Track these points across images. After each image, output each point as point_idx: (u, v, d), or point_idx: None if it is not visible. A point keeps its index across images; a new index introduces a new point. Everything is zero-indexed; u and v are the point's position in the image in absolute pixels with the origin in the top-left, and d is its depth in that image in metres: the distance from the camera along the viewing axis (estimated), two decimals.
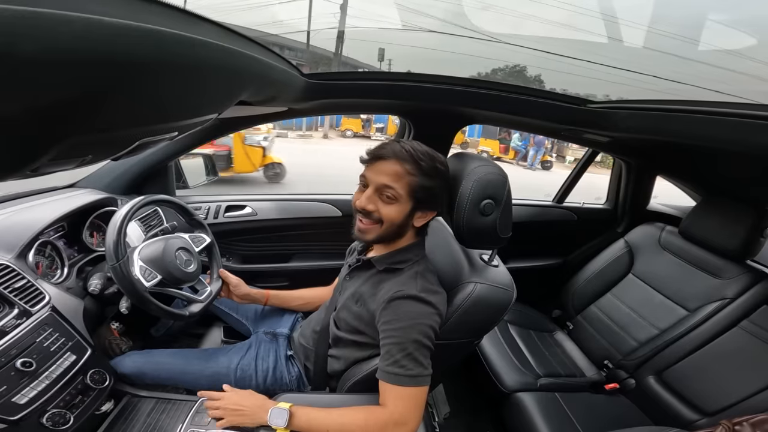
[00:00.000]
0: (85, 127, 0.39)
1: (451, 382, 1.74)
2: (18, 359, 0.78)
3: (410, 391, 0.80)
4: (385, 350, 0.83)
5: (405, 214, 0.87)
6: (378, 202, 0.87)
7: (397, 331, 0.82)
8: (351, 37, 5.10)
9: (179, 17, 0.43)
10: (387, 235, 0.90)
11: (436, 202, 0.89)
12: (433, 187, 0.85)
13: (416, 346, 0.81)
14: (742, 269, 1.38)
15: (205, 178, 1.76)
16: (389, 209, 0.86)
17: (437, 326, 0.85)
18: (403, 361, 0.80)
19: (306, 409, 0.84)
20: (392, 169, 0.84)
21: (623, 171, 2.04)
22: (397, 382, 0.80)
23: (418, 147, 0.85)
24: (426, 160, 0.84)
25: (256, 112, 1.27)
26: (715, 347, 1.30)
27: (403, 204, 0.86)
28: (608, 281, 1.72)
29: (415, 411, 0.81)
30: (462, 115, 1.51)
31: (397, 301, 0.84)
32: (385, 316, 0.84)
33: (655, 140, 1.42)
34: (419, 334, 0.81)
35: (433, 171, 0.84)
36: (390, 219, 0.87)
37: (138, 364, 1.08)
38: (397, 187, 0.84)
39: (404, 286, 0.86)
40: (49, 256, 1.06)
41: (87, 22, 0.28)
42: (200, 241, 1.20)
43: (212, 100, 0.67)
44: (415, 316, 0.82)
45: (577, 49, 14.73)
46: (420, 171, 0.83)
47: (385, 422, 0.80)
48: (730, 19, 9.60)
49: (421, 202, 0.87)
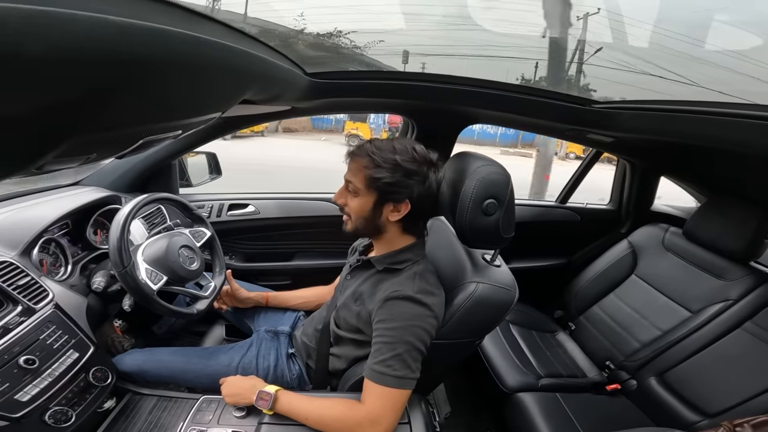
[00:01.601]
0: (90, 125, 0.39)
1: (452, 381, 1.74)
2: (21, 356, 0.79)
3: (392, 393, 0.80)
4: (375, 348, 0.83)
5: (369, 206, 0.90)
6: (347, 197, 0.93)
7: (390, 331, 0.82)
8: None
9: (184, 16, 0.43)
10: (360, 227, 0.93)
11: (398, 193, 0.88)
12: (385, 177, 0.86)
13: (407, 348, 0.81)
14: (746, 271, 1.38)
15: (209, 176, 1.76)
16: (353, 202, 0.92)
17: (432, 329, 0.85)
18: (390, 361, 0.80)
19: (290, 395, 0.89)
20: (354, 165, 0.90)
21: (627, 171, 2.03)
22: (381, 382, 0.80)
23: (380, 143, 0.89)
24: (379, 153, 0.86)
25: (260, 110, 1.27)
26: (718, 349, 1.30)
27: (364, 196, 0.90)
28: (611, 282, 1.72)
29: (392, 412, 0.81)
30: (465, 114, 1.51)
31: (393, 301, 0.84)
32: (380, 315, 0.85)
33: (659, 141, 1.41)
34: (412, 336, 0.81)
35: (387, 163, 0.86)
36: (354, 211, 0.92)
37: (139, 362, 1.08)
38: (355, 180, 0.90)
39: (401, 286, 0.86)
40: (53, 253, 1.06)
41: (93, 21, 0.28)
42: (201, 236, 1.21)
43: (216, 98, 0.67)
44: (409, 317, 0.82)
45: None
46: (372, 164, 0.86)
47: (361, 419, 0.80)
48: (737, 19, 9.43)
49: (384, 193, 0.88)
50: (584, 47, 2.70)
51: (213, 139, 1.54)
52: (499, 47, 2.53)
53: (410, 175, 0.87)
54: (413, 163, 0.87)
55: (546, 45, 2.53)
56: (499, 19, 2.75)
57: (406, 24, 2.72)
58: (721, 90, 1.45)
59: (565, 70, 2.66)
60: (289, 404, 0.87)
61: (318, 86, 1.19)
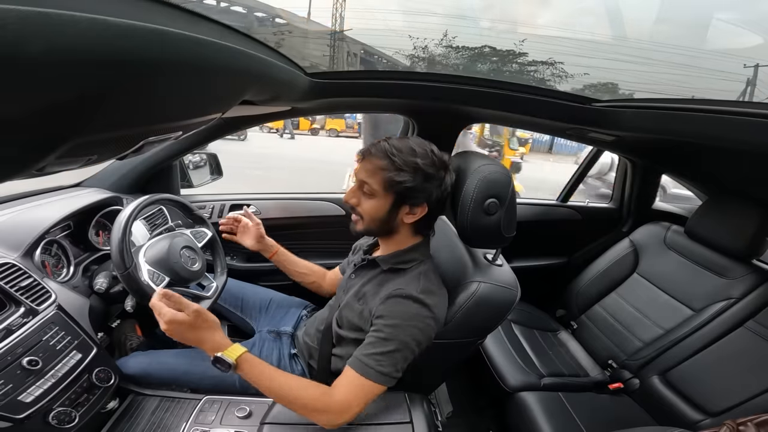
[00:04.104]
0: (91, 126, 0.39)
1: (454, 380, 1.74)
2: (24, 358, 0.79)
3: (371, 386, 0.80)
4: (369, 341, 0.83)
5: (385, 209, 0.87)
6: (361, 197, 0.89)
7: (387, 327, 0.82)
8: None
9: (184, 17, 0.43)
10: (372, 228, 0.91)
11: (417, 196, 0.86)
12: (406, 181, 0.83)
13: (400, 346, 0.81)
14: (748, 269, 1.37)
15: (210, 177, 1.76)
16: (367, 204, 0.88)
17: (431, 331, 0.85)
18: (380, 356, 0.80)
19: (255, 365, 0.81)
20: (370, 166, 0.86)
21: (628, 170, 2.03)
22: (364, 373, 0.80)
23: (398, 143, 0.85)
24: (400, 156, 0.83)
25: (260, 111, 1.27)
26: (721, 347, 1.29)
27: (380, 199, 0.87)
28: (613, 281, 1.71)
29: (361, 405, 0.81)
30: (466, 114, 1.51)
31: (395, 299, 0.84)
32: (380, 311, 0.85)
33: (660, 139, 1.41)
34: (407, 336, 0.81)
35: (408, 166, 0.83)
36: (368, 213, 0.89)
37: (144, 364, 1.09)
38: (371, 182, 0.86)
39: (405, 285, 0.86)
40: (55, 254, 1.06)
41: (93, 22, 0.28)
42: (202, 236, 1.21)
43: (217, 99, 0.67)
44: (409, 317, 0.82)
45: (581, 47, 14.67)
46: (393, 166, 0.83)
47: (330, 405, 0.79)
48: (738, 18, 9.32)
49: (402, 197, 0.86)
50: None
51: (213, 139, 1.54)
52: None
53: (430, 179, 0.85)
54: (433, 167, 0.85)
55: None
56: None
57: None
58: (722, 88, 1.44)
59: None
60: (250, 373, 0.80)
61: (318, 86, 1.19)
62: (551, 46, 6.47)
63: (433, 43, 12.35)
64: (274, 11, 16.37)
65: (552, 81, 6.18)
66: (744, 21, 6.96)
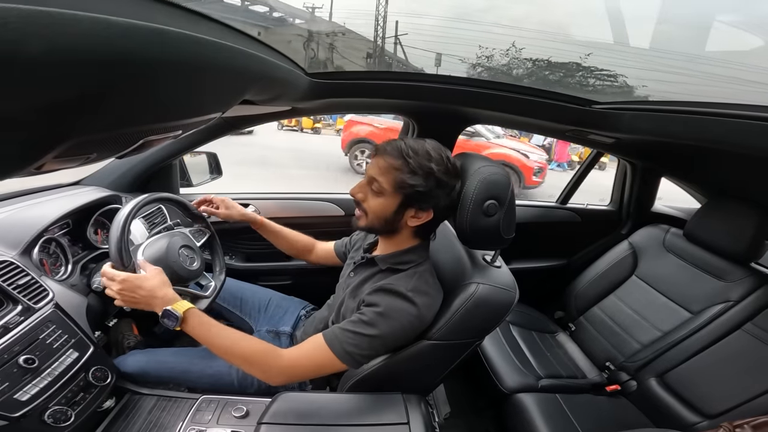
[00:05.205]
0: (90, 125, 0.39)
1: (452, 382, 1.73)
2: (21, 356, 0.79)
3: (331, 360, 0.81)
4: (350, 319, 0.85)
5: (392, 209, 0.87)
6: (368, 193, 0.89)
7: (372, 314, 0.83)
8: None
9: (185, 16, 0.43)
10: (375, 226, 0.91)
11: (426, 201, 0.85)
12: (418, 185, 0.82)
13: (377, 334, 0.81)
14: (746, 272, 1.38)
15: (209, 176, 1.76)
16: (374, 201, 0.88)
17: (412, 330, 0.85)
18: (353, 335, 0.81)
19: (203, 321, 0.84)
20: (384, 163, 0.85)
21: (628, 172, 2.03)
22: (331, 345, 0.81)
23: (414, 144, 0.84)
24: (416, 158, 0.82)
25: (260, 111, 1.27)
26: (718, 350, 1.30)
27: (388, 198, 0.86)
28: (611, 283, 1.72)
29: (312, 373, 0.83)
30: (466, 115, 1.51)
31: (384, 291, 0.85)
32: (369, 299, 0.86)
33: (660, 141, 1.41)
34: (388, 329, 0.82)
35: (422, 170, 0.82)
36: (373, 210, 0.88)
37: (142, 363, 1.09)
38: (382, 180, 0.85)
39: (397, 281, 0.87)
40: (53, 253, 1.06)
41: (95, 21, 0.28)
42: (201, 235, 1.21)
43: (217, 99, 0.67)
44: (393, 310, 0.83)
45: (582, 49, 14.69)
46: (407, 168, 0.82)
47: (279, 362, 0.82)
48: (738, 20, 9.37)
49: (411, 199, 0.85)
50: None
51: (213, 139, 1.54)
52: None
53: (441, 186, 0.84)
54: (446, 175, 0.84)
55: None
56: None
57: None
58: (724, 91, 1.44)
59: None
60: (198, 327, 0.83)
61: (318, 86, 1.19)
62: (611, 59, 6.49)
63: (499, 53, 12.08)
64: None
65: (611, 93, 6.18)
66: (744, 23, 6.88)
